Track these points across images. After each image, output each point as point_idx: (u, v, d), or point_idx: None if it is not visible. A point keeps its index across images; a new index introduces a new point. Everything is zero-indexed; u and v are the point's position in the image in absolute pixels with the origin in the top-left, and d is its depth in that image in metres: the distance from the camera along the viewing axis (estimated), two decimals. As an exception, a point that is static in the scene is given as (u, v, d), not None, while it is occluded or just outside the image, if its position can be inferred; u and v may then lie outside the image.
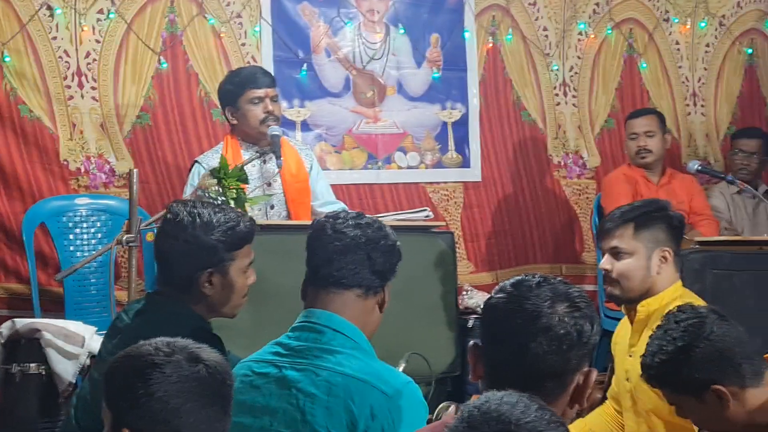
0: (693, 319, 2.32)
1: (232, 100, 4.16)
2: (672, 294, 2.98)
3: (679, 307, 2.41)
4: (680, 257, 3.08)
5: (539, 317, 1.78)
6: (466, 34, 5.38)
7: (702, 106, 6.04)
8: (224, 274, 2.64)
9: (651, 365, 2.34)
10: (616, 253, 3.02)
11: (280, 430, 2.29)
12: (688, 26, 5.95)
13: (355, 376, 2.28)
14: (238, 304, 2.72)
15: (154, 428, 1.73)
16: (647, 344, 2.37)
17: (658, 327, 2.37)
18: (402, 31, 5.26)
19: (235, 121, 4.18)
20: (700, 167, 4.95)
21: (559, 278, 1.86)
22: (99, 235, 4.49)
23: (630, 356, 3.00)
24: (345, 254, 2.38)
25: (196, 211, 2.63)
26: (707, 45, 6.04)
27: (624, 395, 3.09)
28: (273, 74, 4.41)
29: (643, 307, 2.98)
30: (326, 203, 4.32)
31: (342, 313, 2.37)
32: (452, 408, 2.32)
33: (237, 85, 4.14)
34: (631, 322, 3.06)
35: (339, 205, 4.35)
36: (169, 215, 2.68)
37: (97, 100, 4.64)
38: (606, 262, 3.05)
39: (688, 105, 6.00)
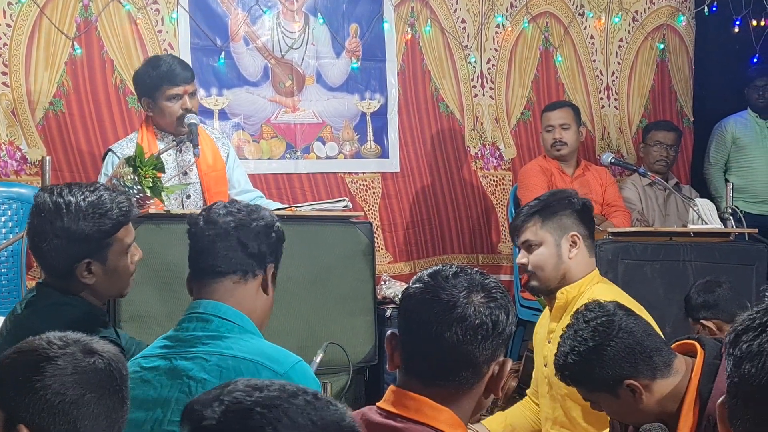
0: (602, 317, 2.37)
1: (148, 93, 4.08)
2: (590, 281, 3.07)
3: (586, 305, 2.46)
4: (593, 240, 3.16)
5: (455, 307, 1.79)
6: (385, 25, 5.39)
7: (615, 99, 6.16)
8: (103, 261, 2.48)
9: (565, 366, 2.39)
10: (528, 247, 3.14)
11: (174, 419, 2.26)
12: (602, 21, 6.05)
13: (246, 358, 2.28)
14: (125, 285, 2.59)
15: (53, 422, 1.67)
16: (559, 344, 2.42)
17: (568, 326, 2.42)
18: (321, 20, 5.24)
19: (151, 113, 4.12)
20: (613, 159, 5.04)
21: (476, 269, 1.88)
22: (10, 224, 4.39)
23: (549, 342, 3.06)
24: (217, 242, 2.39)
25: (62, 200, 2.42)
26: (621, 40, 6.16)
27: (542, 381, 3.17)
28: (191, 63, 4.35)
29: (562, 294, 3.07)
30: (243, 192, 4.29)
31: (225, 300, 2.39)
32: (319, 356, 2.36)
33: (154, 79, 4.05)
34: (551, 310, 3.13)
35: (256, 193, 4.33)
36: (34, 207, 2.47)
37: (8, 86, 4.52)
38: (521, 256, 3.17)
39: (602, 98, 6.12)
